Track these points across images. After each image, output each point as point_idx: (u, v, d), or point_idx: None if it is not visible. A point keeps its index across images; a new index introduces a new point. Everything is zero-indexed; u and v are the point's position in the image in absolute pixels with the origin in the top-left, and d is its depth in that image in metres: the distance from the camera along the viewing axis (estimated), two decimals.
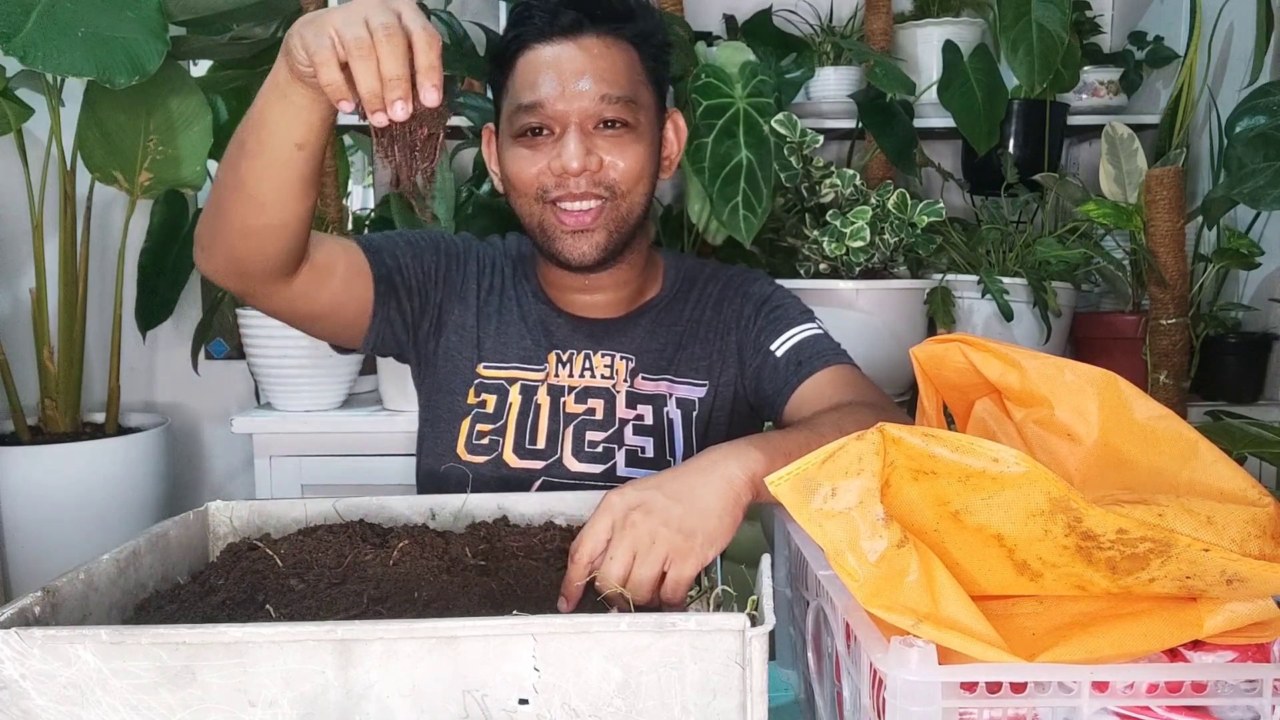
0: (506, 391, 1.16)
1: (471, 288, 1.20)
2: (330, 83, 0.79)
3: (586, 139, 1.06)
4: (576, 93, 1.05)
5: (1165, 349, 1.74)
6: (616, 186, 1.09)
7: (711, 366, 1.18)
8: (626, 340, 1.18)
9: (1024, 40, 1.84)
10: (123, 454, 2.02)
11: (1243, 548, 0.58)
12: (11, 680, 0.60)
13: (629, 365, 1.17)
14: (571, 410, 1.15)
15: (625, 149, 1.08)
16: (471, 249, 1.23)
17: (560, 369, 1.16)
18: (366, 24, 0.77)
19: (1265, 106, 1.57)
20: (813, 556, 0.73)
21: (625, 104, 1.07)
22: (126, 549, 0.79)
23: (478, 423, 1.16)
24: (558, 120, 1.06)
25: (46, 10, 1.63)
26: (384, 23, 0.77)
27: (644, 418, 1.15)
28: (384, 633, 0.59)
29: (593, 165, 1.06)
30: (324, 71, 0.78)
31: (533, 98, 1.06)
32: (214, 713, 0.60)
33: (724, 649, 0.59)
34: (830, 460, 0.59)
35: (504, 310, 1.20)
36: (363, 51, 0.76)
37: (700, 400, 1.17)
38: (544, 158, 1.07)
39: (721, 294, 1.21)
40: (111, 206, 2.22)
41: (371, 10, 0.77)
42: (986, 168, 2.02)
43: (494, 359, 1.17)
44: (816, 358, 1.11)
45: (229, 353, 2.41)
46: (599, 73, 1.06)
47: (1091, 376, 0.71)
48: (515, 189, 1.11)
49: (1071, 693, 0.56)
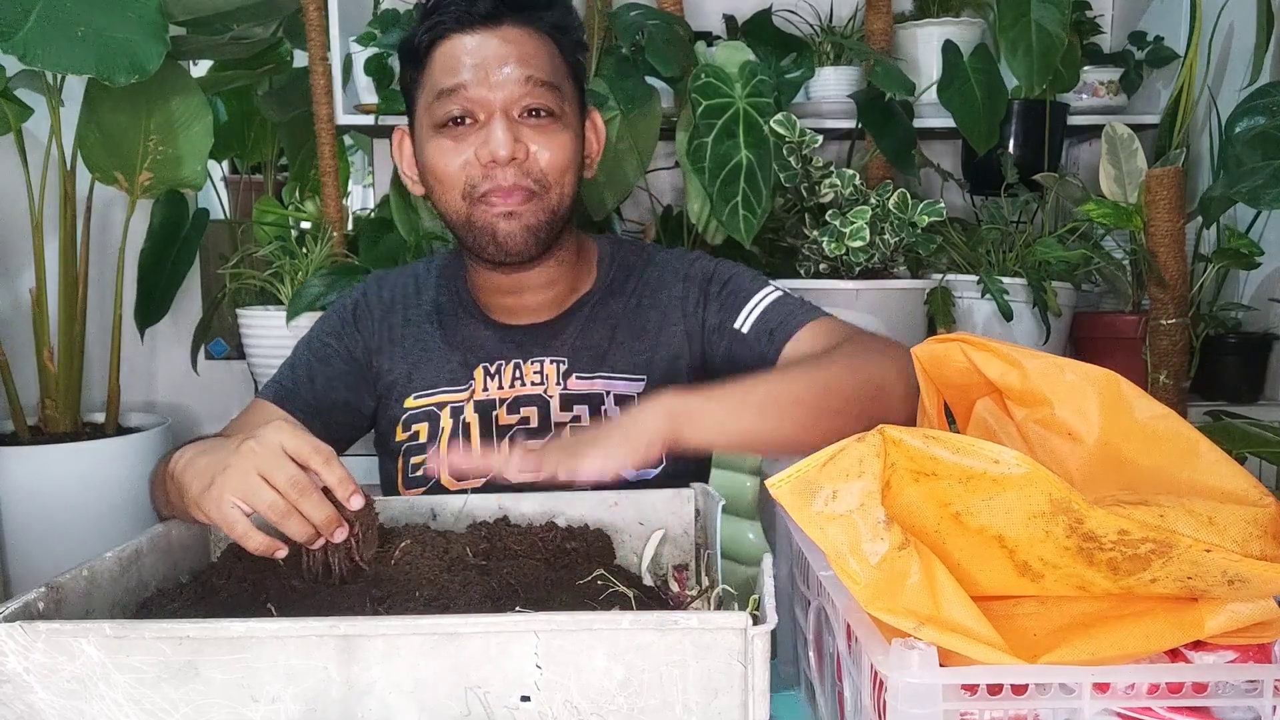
0: (437, 417, 1.13)
1: (386, 334, 1.18)
2: (260, 546, 0.77)
3: (513, 127, 1.03)
4: (501, 78, 1.02)
5: (1165, 349, 1.74)
6: (544, 177, 1.05)
7: (651, 360, 1.14)
8: (557, 343, 1.14)
9: (1023, 40, 1.84)
10: (123, 454, 2.02)
11: (1244, 548, 0.58)
12: (15, 674, 0.61)
13: (560, 368, 1.13)
14: (505, 422, 1.12)
15: (552, 138, 1.05)
16: (371, 296, 1.21)
17: (489, 382, 1.13)
18: (269, 483, 0.75)
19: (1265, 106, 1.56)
20: (814, 556, 0.73)
21: (550, 90, 1.04)
22: (129, 547, 0.79)
23: (410, 456, 1.14)
24: (481, 106, 1.03)
25: (46, 9, 1.63)
26: (288, 477, 0.75)
27: (581, 419, 1.12)
28: (386, 629, 0.60)
29: (520, 154, 1.03)
30: (250, 541, 0.77)
31: (453, 81, 1.03)
32: (216, 708, 0.61)
33: (726, 647, 0.59)
34: (831, 462, 0.59)
35: (426, 338, 1.17)
36: (284, 513, 0.75)
37: (639, 396, 1.12)
38: (469, 147, 1.04)
39: (659, 281, 1.17)
40: (111, 206, 2.22)
41: (264, 464, 0.76)
42: (986, 168, 2.01)
43: (422, 388, 1.15)
44: (789, 320, 1.08)
45: (229, 353, 2.42)
46: (522, 58, 1.03)
47: (1092, 376, 0.70)
48: (440, 183, 1.07)
49: (1073, 694, 0.56)
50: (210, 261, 2.35)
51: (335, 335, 1.18)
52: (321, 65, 1.93)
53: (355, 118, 1.96)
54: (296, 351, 1.19)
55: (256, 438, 0.77)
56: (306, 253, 1.92)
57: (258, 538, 0.77)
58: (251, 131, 2.48)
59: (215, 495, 0.77)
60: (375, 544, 0.80)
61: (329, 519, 0.76)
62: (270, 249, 1.95)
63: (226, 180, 2.59)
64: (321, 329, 1.20)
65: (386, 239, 1.90)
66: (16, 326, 2.16)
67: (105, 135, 1.97)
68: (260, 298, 1.99)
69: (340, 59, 1.94)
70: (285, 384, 1.14)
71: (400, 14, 1.90)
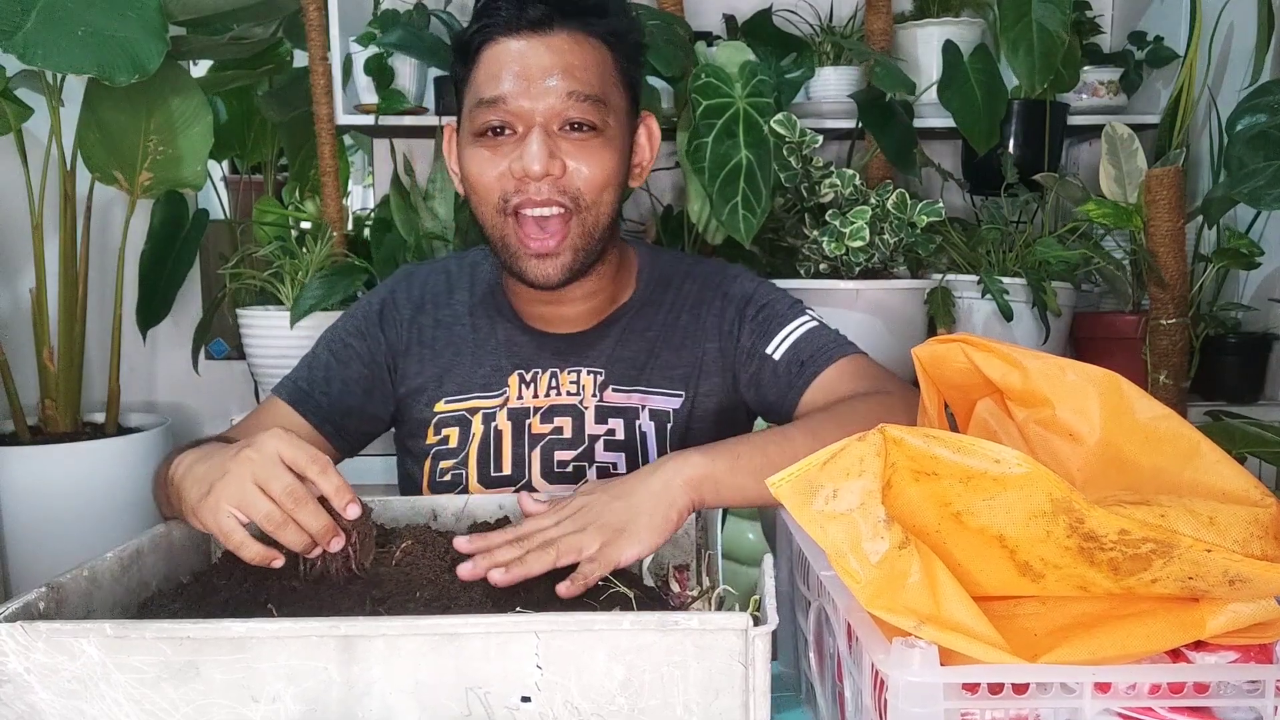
0: (469, 423, 1.11)
1: (415, 336, 1.15)
2: (255, 556, 0.77)
3: (550, 140, 1.00)
4: (542, 90, 0.99)
5: (1165, 349, 1.74)
6: (581, 196, 1.02)
7: (688, 375, 1.12)
8: (595, 353, 1.12)
9: (1024, 40, 1.84)
10: (123, 454, 2.03)
11: (1245, 548, 0.58)
12: (16, 674, 0.61)
13: (597, 379, 1.11)
14: (538, 431, 1.10)
15: (591, 155, 1.01)
16: (400, 295, 1.18)
17: (524, 389, 1.11)
18: (265, 492, 0.75)
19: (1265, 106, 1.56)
20: (814, 556, 0.73)
21: (594, 104, 1.00)
22: (129, 547, 0.79)
23: (439, 460, 1.12)
24: (520, 118, 1.00)
25: (46, 9, 1.63)
26: (284, 486, 0.75)
27: (615, 432, 1.10)
28: (387, 629, 0.60)
29: (555, 170, 1.00)
30: (246, 551, 0.76)
31: (494, 92, 1.00)
32: (217, 708, 0.61)
33: (727, 648, 0.59)
34: (831, 461, 0.59)
35: (459, 341, 1.14)
36: (280, 523, 0.75)
37: (675, 411, 1.10)
38: (504, 160, 1.01)
39: (699, 296, 1.15)
40: (111, 206, 2.22)
41: (260, 474, 0.76)
42: (986, 168, 2.01)
43: (455, 392, 1.12)
44: (820, 354, 1.07)
45: (229, 353, 2.42)
46: (567, 69, 0.99)
47: (1093, 377, 0.70)
48: (475, 192, 1.04)
49: (1074, 694, 0.56)
50: (210, 261, 2.35)
51: (358, 335, 1.16)
52: (321, 65, 1.93)
53: (355, 118, 1.96)
54: (317, 348, 1.17)
55: (254, 446, 0.77)
56: (306, 253, 1.92)
57: (254, 548, 0.76)
58: (251, 131, 2.48)
59: (212, 504, 0.77)
60: (373, 551, 0.80)
61: (325, 529, 0.76)
62: (270, 249, 1.95)
63: (226, 180, 2.59)
64: (345, 327, 1.17)
65: (386, 239, 1.90)
66: (16, 326, 2.16)
67: (105, 135, 1.97)
68: (260, 298, 1.99)
69: (340, 59, 1.94)
70: (301, 385, 1.12)
71: (400, 14, 1.90)
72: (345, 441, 1.13)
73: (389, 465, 1.24)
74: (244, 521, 0.76)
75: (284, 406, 1.11)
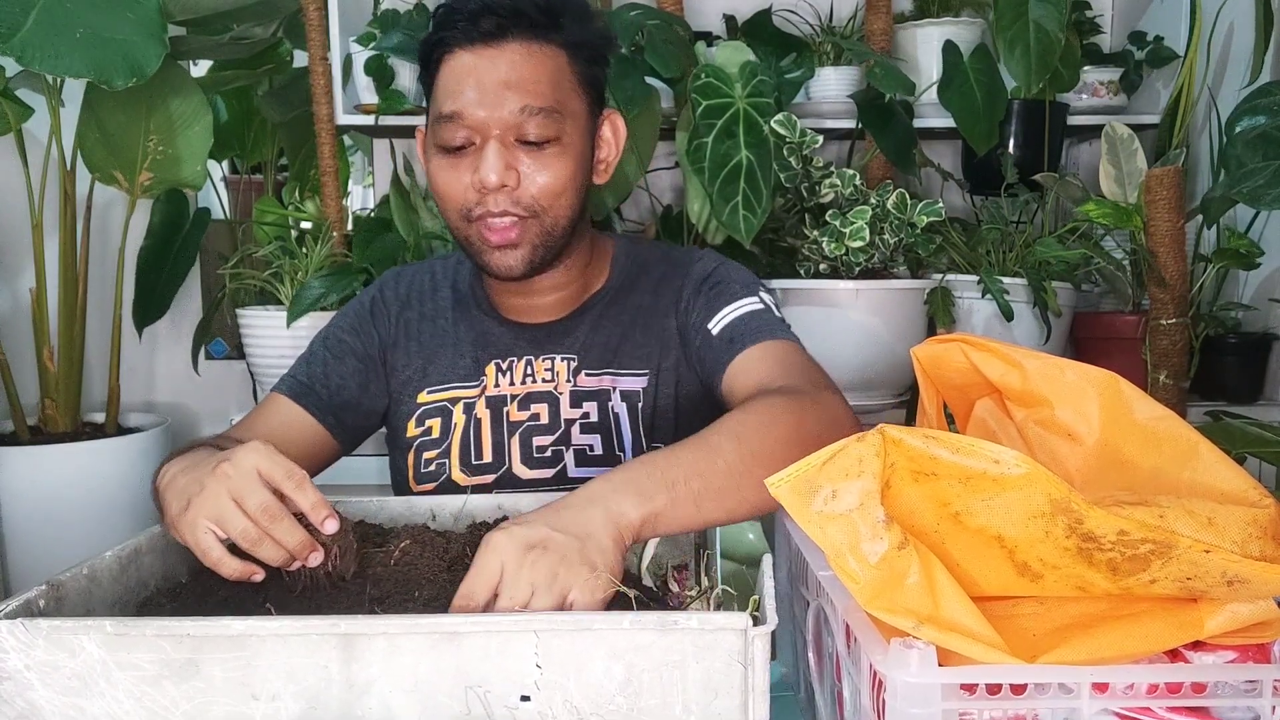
0: (450, 412, 1.15)
1: (401, 330, 1.19)
2: (234, 572, 0.76)
3: (508, 152, 1.02)
4: (496, 104, 1.00)
5: (1165, 349, 1.74)
6: (535, 204, 1.04)
7: (651, 354, 1.14)
8: (569, 340, 1.15)
9: (1021, 40, 1.84)
10: (123, 454, 2.03)
11: (1243, 549, 0.58)
12: (16, 671, 0.61)
13: (570, 365, 1.14)
14: (516, 418, 1.13)
15: (547, 164, 1.03)
16: (388, 292, 1.22)
17: (500, 378, 1.15)
18: (241, 509, 0.75)
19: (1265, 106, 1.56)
20: (813, 557, 0.73)
21: (547, 116, 1.02)
22: (129, 546, 0.79)
23: (423, 451, 1.15)
24: (477, 130, 1.02)
25: (45, 10, 1.63)
26: (259, 503, 0.74)
27: (589, 415, 1.12)
28: (387, 628, 0.60)
29: (511, 180, 1.02)
30: (224, 567, 0.76)
31: (452, 107, 1.02)
32: (216, 705, 0.61)
33: (726, 648, 0.59)
34: (830, 462, 0.59)
35: (441, 333, 1.18)
36: (256, 540, 0.75)
37: (644, 390, 1.13)
38: (466, 173, 1.03)
39: (664, 276, 1.17)
40: (111, 206, 2.22)
41: (236, 489, 0.75)
42: (986, 168, 2.02)
43: (435, 383, 1.16)
44: (749, 334, 1.06)
45: (229, 353, 2.42)
46: (520, 84, 1.01)
47: (1092, 377, 0.71)
48: (440, 200, 1.08)
49: (1072, 694, 0.56)
50: (210, 261, 2.36)
51: (351, 331, 1.19)
52: (321, 65, 1.93)
53: (355, 118, 1.96)
54: (313, 346, 1.20)
55: (231, 460, 0.76)
56: (306, 253, 1.93)
57: (231, 564, 0.76)
58: (251, 131, 2.48)
59: (190, 520, 0.76)
60: (355, 563, 0.79)
61: (301, 545, 0.75)
62: (270, 249, 1.96)
63: (226, 180, 2.59)
64: (339, 324, 1.21)
65: (386, 239, 1.90)
66: (16, 326, 2.16)
67: (105, 135, 1.97)
68: (260, 298, 1.99)
69: (340, 59, 1.94)
70: (301, 379, 1.15)
71: (400, 14, 1.90)
72: (345, 434, 1.16)
73: (382, 465, 1.25)
74: (222, 537, 0.76)
75: (286, 402, 1.13)
